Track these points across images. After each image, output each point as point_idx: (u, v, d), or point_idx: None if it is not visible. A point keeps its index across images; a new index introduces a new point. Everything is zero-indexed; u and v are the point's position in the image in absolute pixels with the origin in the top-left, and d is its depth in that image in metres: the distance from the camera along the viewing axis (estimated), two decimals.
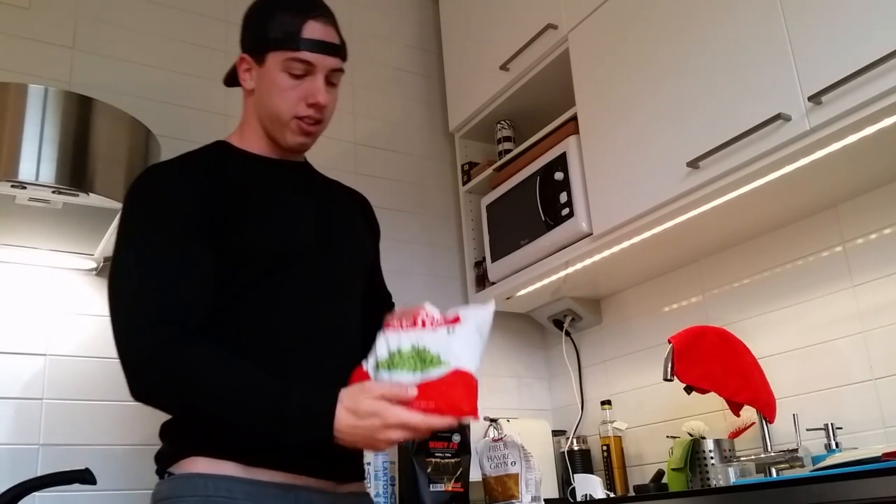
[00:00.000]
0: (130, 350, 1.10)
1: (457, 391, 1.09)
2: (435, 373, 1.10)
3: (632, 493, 2.06)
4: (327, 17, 1.29)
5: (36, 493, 1.65)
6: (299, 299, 1.22)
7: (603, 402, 2.20)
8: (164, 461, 1.17)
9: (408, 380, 1.10)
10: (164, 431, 1.20)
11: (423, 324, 1.16)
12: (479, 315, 1.18)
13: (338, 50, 1.29)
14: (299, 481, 1.15)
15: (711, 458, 1.79)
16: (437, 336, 1.14)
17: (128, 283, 1.14)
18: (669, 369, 1.70)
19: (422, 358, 1.12)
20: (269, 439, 1.07)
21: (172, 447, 1.17)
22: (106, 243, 1.77)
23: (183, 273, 1.14)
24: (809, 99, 1.44)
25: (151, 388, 1.10)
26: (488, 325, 1.19)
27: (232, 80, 1.38)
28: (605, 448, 2.16)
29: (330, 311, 1.25)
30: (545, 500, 2.00)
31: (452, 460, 1.94)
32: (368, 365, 1.14)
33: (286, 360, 1.18)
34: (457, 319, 1.17)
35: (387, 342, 1.15)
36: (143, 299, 1.12)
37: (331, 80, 1.29)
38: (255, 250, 1.19)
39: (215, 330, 1.16)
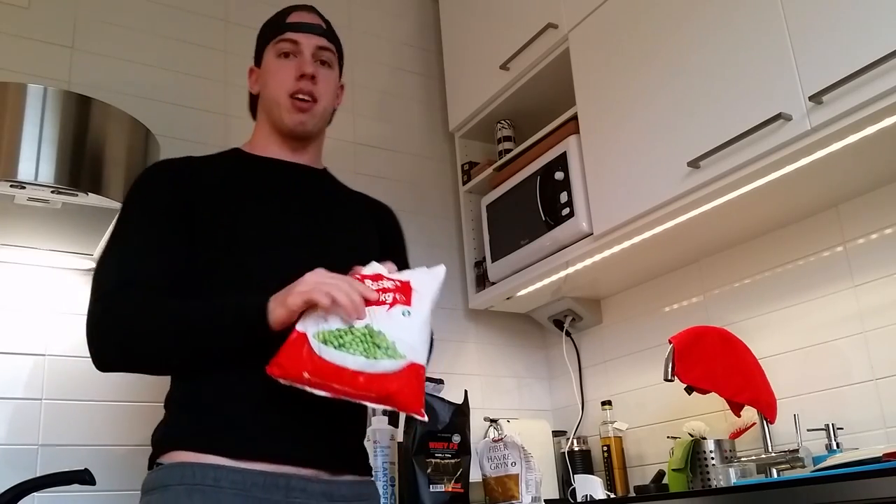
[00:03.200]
0: (89, 319, 1.17)
1: (412, 389, 1.07)
2: (389, 365, 1.07)
3: (632, 494, 2.06)
4: (310, 9, 1.43)
5: (35, 494, 1.65)
6: (277, 279, 1.23)
7: (603, 403, 2.20)
8: (154, 453, 1.20)
9: (358, 364, 1.06)
10: (160, 423, 1.23)
11: (375, 296, 1.12)
12: (432, 287, 1.17)
13: (322, 30, 1.39)
14: (290, 470, 1.15)
15: (712, 458, 1.78)
16: (391, 318, 1.10)
17: (102, 263, 1.22)
18: (670, 369, 1.70)
19: (376, 342, 1.08)
20: (213, 339, 1.13)
21: (162, 440, 1.18)
22: (105, 243, 1.77)
23: (149, 253, 1.21)
24: (810, 98, 1.44)
25: (109, 342, 1.15)
26: (438, 293, 1.18)
27: (253, 108, 1.48)
28: (605, 448, 2.16)
29: None
30: (545, 500, 2.00)
31: (452, 461, 1.93)
32: (308, 329, 1.09)
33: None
34: (407, 288, 1.14)
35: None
36: (104, 279, 1.19)
37: (321, 59, 1.39)
38: (229, 236, 1.24)
39: None
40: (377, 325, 1.09)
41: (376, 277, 1.16)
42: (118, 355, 1.15)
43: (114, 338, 1.14)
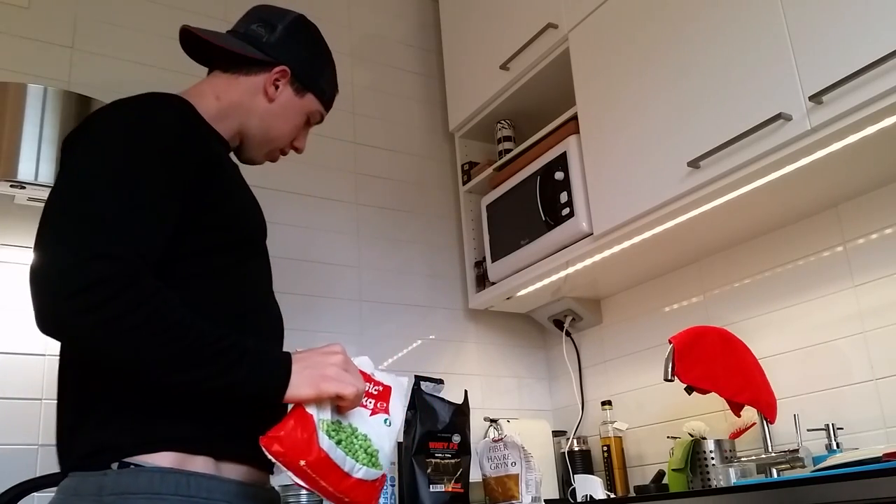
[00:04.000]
0: (66, 274, 0.92)
1: (374, 500, 1.07)
2: (370, 474, 1.06)
3: (632, 494, 2.06)
4: None
5: (35, 494, 1.65)
6: (264, 286, 1.23)
7: (603, 403, 2.20)
8: (118, 449, 1.00)
9: (348, 466, 1.04)
10: (112, 412, 1.02)
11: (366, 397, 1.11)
12: (405, 398, 1.16)
13: None
14: (257, 477, 1.12)
15: (712, 458, 1.79)
16: (373, 426, 1.10)
17: (91, 202, 0.98)
18: (670, 369, 1.70)
19: (363, 446, 1.07)
20: (217, 376, 0.97)
21: (134, 432, 1.01)
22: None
23: (156, 216, 1.02)
24: (810, 98, 1.44)
25: (79, 318, 0.92)
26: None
27: (201, 49, 1.37)
28: (605, 448, 2.16)
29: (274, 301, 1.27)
30: (545, 500, 2.00)
31: (452, 461, 1.93)
32: (314, 413, 1.03)
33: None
34: (388, 394, 1.13)
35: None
36: (104, 226, 0.96)
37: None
38: (241, 231, 1.17)
39: (203, 298, 1.09)
40: (363, 429, 1.08)
41: (367, 378, 1.13)
42: (89, 343, 0.95)
43: (127, 325, 0.93)
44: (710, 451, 1.79)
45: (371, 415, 1.10)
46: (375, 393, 1.12)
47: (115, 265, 0.94)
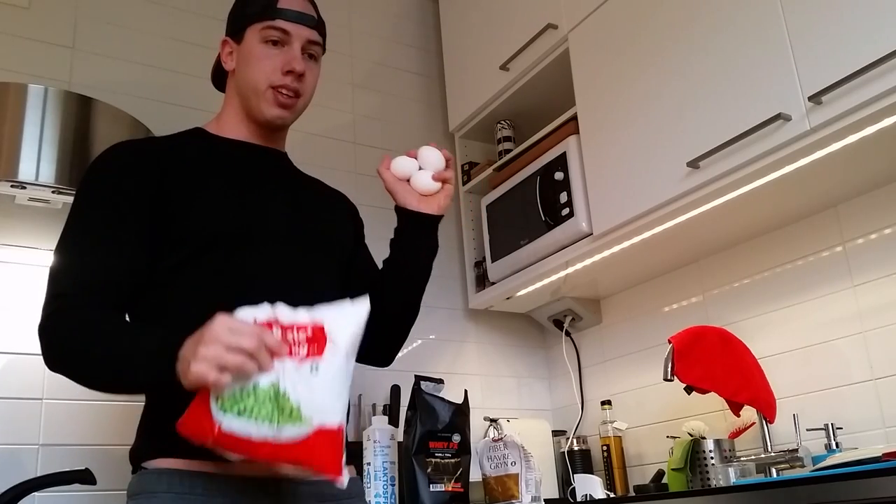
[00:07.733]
0: (42, 315, 1.13)
1: (323, 455, 0.97)
2: (293, 432, 0.96)
3: (632, 494, 2.06)
4: None
5: (36, 493, 1.65)
6: (264, 277, 1.20)
7: (603, 402, 2.20)
8: (136, 456, 1.14)
9: (262, 433, 0.95)
10: (139, 426, 1.18)
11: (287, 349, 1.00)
12: (350, 330, 1.03)
13: (314, 22, 1.33)
14: (279, 473, 1.11)
15: (711, 458, 1.79)
16: (300, 375, 0.98)
17: (55, 260, 1.16)
18: (669, 369, 1.71)
19: (280, 406, 0.96)
20: (119, 374, 1.05)
21: (145, 443, 1.14)
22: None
23: (109, 251, 1.14)
24: (810, 99, 1.44)
25: (46, 355, 1.10)
26: (361, 331, 1.04)
27: (217, 78, 1.40)
28: (605, 448, 2.16)
29: (299, 291, 1.22)
30: (545, 500, 2.00)
31: (452, 460, 1.94)
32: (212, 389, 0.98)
33: None
34: (321, 336, 1.01)
35: None
36: (57, 277, 1.14)
37: (309, 52, 1.33)
38: (211, 229, 1.18)
39: (170, 306, 1.16)
40: (283, 384, 0.98)
41: (288, 327, 1.01)
42: (58, 368, 1.11)
43: (55, 350, 1.10)
44: (710, 451, 1.80)
45: (299, 364, 0.99)
46: (304, 338, 1.01)
47: (60, 302, 1.11)
